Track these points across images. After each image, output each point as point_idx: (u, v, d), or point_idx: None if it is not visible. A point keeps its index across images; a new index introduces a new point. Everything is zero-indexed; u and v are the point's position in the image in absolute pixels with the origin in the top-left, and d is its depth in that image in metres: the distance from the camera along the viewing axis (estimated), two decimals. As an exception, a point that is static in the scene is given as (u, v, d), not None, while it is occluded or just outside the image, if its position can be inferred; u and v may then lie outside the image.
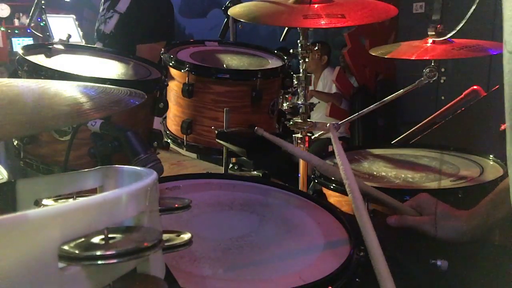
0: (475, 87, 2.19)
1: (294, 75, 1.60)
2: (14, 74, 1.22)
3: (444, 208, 0.98)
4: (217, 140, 1.39)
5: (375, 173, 1.38)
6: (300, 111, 1.62)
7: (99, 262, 0.35)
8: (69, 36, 1.93)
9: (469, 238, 0.93)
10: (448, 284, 0.93)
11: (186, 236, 0.48)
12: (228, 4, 1.90)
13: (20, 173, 1.32)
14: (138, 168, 0.55)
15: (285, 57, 1.66)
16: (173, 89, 1.51)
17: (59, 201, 0.58)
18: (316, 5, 1.43)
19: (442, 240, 0.94)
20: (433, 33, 1.63)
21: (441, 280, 0.92)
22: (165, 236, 0.47)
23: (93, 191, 0.59)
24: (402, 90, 1.87)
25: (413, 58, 1.69)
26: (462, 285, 0.94)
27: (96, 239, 0.37)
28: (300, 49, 1.61)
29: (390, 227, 1.03)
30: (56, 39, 3.06)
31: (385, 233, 1.07)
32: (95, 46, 2.23)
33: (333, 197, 1.30)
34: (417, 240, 1.02)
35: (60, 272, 0.34)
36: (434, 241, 0.96)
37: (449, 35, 1.40)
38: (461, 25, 1.07)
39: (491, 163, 1.42)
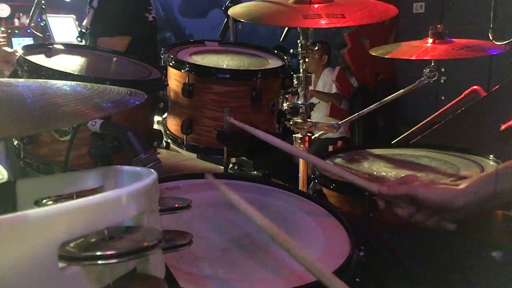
0: (475, 87, 2.19)
1: (294, 75, 1.61)
2: (14, 74, 1.22)
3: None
4: (217, 140, 1.39)
5: (375, 173, 1.38)
6: (300, 111, 1.63)
7: (99, 262, 0.35)
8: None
9: (461, 203, 0.90)
10: (449, 281, 0.93)
11: (186, 236, 0.48)
12: (228, 4, 1.90)
13: (20, 173, 1.31)
14: (138, 168, 0.55)
15: (285, 57, 1.66)
16: (173, 89, 1.51)
17: (59, 201, 0.58)
18: (316, 5, 1.43)
19: (434, 204, 0.91)
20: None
21: (444, 277, 0.92)
22: (165, 236, 0.47)
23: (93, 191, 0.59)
24: (402, 90, 1.87)
25: (413, 58, 1.70)
26: (465, 282, 0.93)
27: (96, 239, 0.37)
28: (300, 49, 1.61)
29: (390, 227, 1.02)
30: (56, 39, 3.04)
31: (385, 233, 1.08)
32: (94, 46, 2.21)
33: (333, 197, 1.30)
34: (418, 240, 1.02)
35: (60, 272, 0.34)
36: (427, 224, 0.93)
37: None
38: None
39: (491, 163, 1.42)
